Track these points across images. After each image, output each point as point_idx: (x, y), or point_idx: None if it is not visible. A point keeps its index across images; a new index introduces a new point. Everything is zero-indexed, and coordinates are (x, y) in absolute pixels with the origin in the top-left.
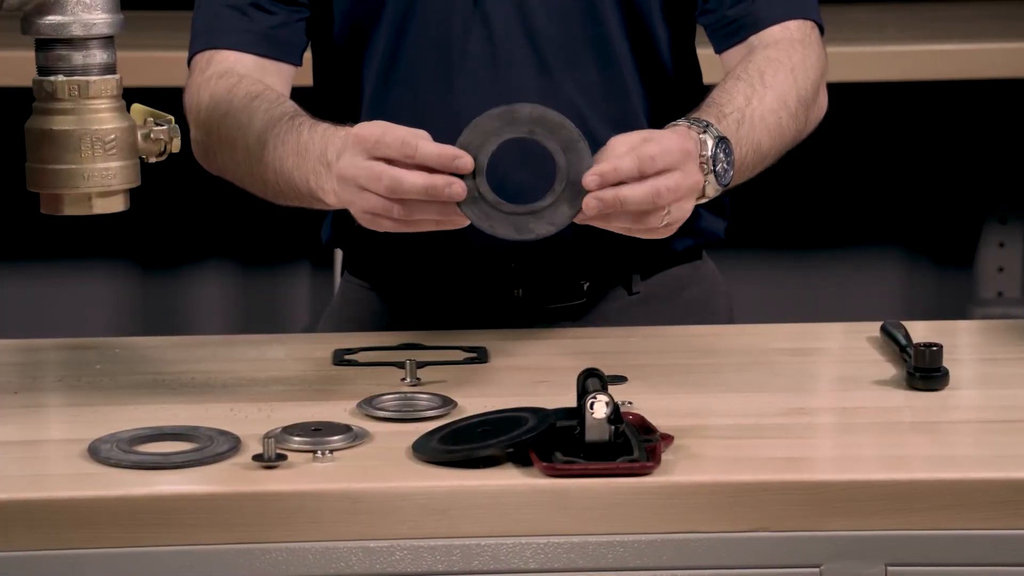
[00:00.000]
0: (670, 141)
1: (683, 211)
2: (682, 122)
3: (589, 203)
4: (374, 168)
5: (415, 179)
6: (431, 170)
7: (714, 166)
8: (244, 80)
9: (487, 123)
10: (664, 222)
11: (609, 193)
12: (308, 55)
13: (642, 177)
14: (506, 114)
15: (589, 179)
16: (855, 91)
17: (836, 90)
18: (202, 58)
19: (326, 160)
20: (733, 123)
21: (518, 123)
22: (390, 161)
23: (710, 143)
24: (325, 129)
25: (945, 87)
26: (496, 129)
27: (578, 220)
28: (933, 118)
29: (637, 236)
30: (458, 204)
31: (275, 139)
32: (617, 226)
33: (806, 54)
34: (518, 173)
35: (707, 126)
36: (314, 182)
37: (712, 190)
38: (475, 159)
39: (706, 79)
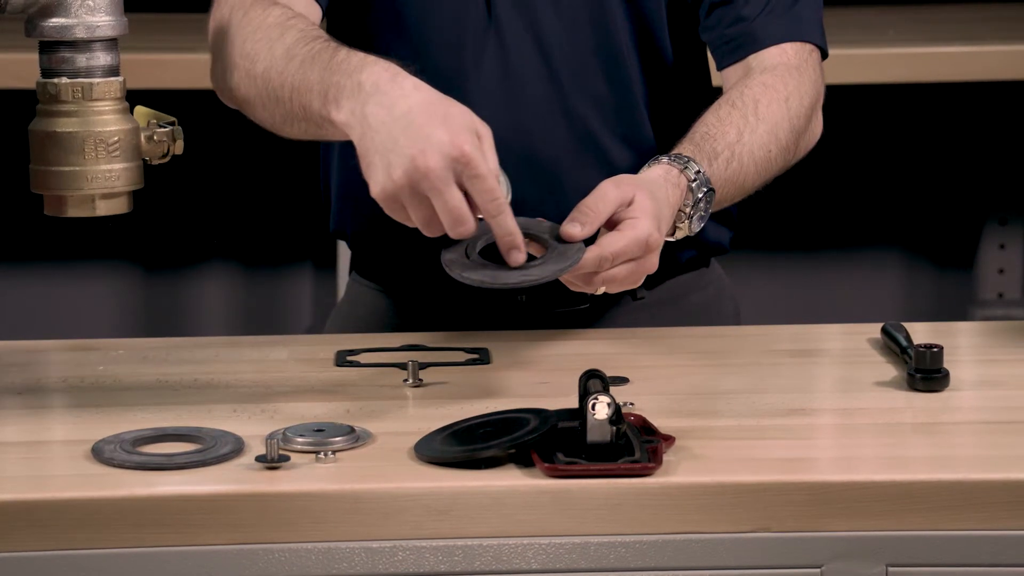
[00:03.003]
0: (641, 228)
1: (618, 289)
2: (675, 166)
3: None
4: (461, 209)
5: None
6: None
7: (691, 215)
8: (279, 6)
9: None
10: (599, 292)
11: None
12: None
13: (600, 263)
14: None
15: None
16: (856, 93)
17: (837, 92)
18: None
19: (357, 79)
20: (723, 163)
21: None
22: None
23: (693, 198)
24: (365, 55)
25: (946, 89)
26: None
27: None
28: (934, 120)
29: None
30: (442, 255)
31: (305, 54)
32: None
33: (801, 81)
34: (525, 187)
35: (698, 173)
36: (332, 94)
37: (681, 234)
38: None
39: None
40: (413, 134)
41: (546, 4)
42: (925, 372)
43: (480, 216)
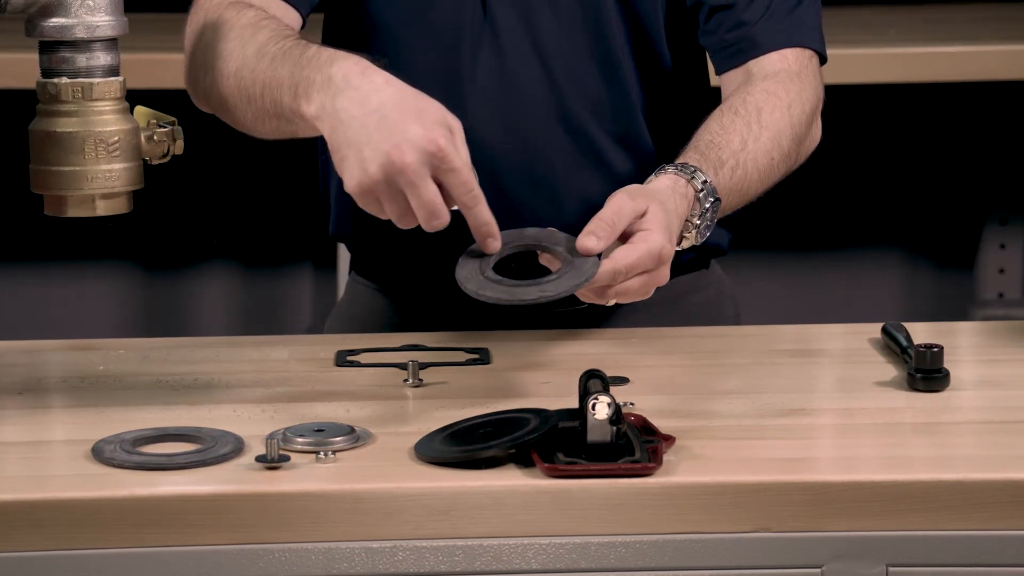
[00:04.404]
0: (653, 240)
1: (630, 300)
2: (682, 176)
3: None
4: (436, 202)
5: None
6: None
7: (698, 225)
8: (254, 8)
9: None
10: (610, 303)
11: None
12: None
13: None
14: (515, 233)
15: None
16: (857, 93)
17: (838, 92)
18: None
19: (327, 73)
20: (728, 171)
21: (526, 238)
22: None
23: (700, 208)
24: (334, 51)
25: (946, 89)
26: (506, 240)
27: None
28: (934, 120)
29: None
30: (456, 270)
31: (276, 51)
32: None
33: (802, 88)
34: (521, 190)
35: (704, 183)
36: (302, 88)
37: (688, 244)
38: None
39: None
40: (387, 129)
41: (543, 5)
42: (925, 372)
43: (455, 208)
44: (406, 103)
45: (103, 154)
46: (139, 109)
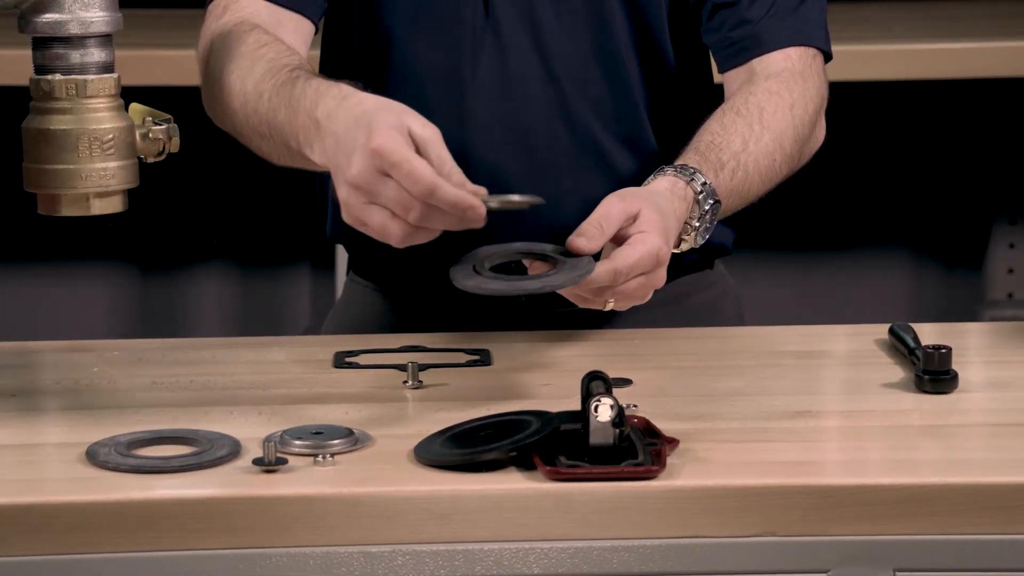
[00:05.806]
0: (652, 242)
1: (627, 305)
2: (681, 178)
3: None
4: (400, 198)
5: (442, 220)
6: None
7: (697, 227)
8: (257, 30)
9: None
10: (608, 307)
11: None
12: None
13: (615, 277)
14: (502, 247)
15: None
16: (863, 90)
17: (845, 89)
18: (217, 5)
19: (314, 117)
20: (729, 173)
21: (514, 248)
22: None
23: (699, 210)
24: (318, 84)
25: (954, 86)
26: (495, 251)
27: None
28: (942, 118)
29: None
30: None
31: (271, 90)
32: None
33: (806, 87)
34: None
35: (704, 185)
36: (302, 138)
37: (687, 246)
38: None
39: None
40: (343, 155)
41: (545, 3)
42: (933, 374)
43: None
44: (359, 122)
45: (97, 152)
46: (134, 106)
